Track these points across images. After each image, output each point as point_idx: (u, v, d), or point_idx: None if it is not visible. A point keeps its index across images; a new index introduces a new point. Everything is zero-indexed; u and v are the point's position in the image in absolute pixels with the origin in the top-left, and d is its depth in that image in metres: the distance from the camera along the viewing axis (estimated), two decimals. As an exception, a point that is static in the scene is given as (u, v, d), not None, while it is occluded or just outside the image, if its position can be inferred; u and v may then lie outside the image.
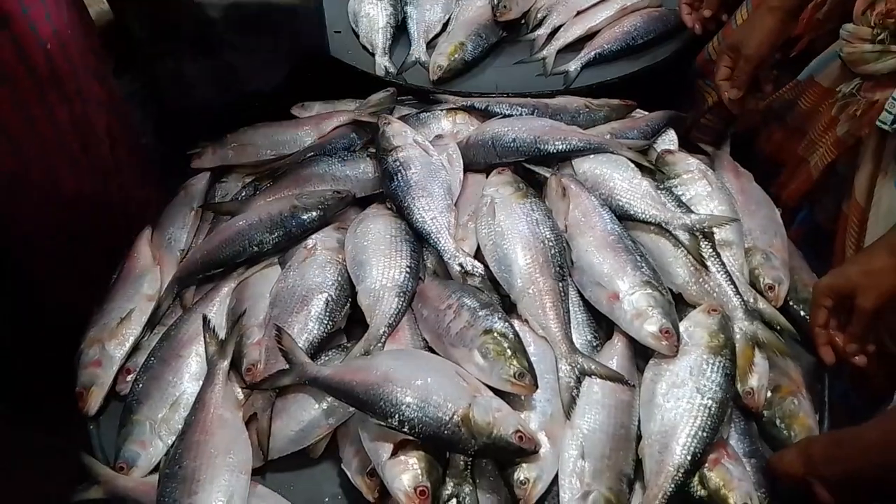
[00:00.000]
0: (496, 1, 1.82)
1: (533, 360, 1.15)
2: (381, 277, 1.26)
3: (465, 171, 1.47)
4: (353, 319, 1.28)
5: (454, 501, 1.07)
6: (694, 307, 1.25)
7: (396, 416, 1.05)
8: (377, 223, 1.35)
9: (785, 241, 1.38)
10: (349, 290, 1.27)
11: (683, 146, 1.58)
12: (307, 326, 1.21)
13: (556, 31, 1.87)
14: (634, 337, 1.19)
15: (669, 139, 1.56)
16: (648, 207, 1.33)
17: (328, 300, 1.24)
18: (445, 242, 1.32)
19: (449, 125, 1.62)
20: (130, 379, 1.25)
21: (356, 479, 1.11)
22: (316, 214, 1.37)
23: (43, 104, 1.40)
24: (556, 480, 1.08)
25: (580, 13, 1.88)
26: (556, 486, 1.08)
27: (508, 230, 1.30)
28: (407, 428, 1.05)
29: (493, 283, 1.29)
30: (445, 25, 1.89)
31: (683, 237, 1.29)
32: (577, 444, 1.10)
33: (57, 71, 1.41)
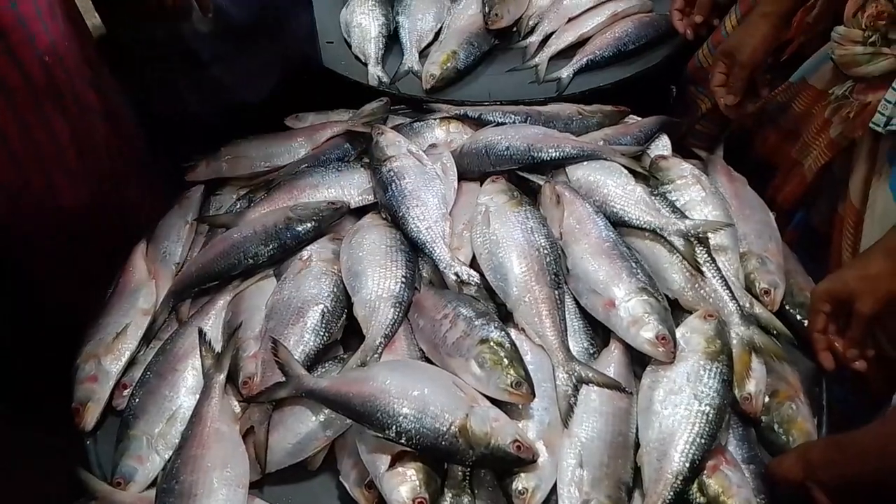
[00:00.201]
0: (488, 9, 1.83)
1: (530, 368, 1.15)
2: (376, 288, 1.26)
3: (459, 179, 1.47)
4: (349, 330, 1.28)
5: (453, 512, 1.06)
6: (690, 313, 1.24)
7: (393, 427, 1.05)
8: (372, 234, 1.35)
9: (780, 244, 1.38)
10: (345, 301, 1.27)
11: (677, 151, 1.58)
12: (303, 338, 1.20)
13: (547, 38, 1.88)
14: (631, 344, 1.19)
15: (663, 144, 1.56)
16: (643, 213, 1.33)
17: (324, 312, 1.24)
18: (441, 252, 1.32)
19: (443, 134, 1.62)
20: (127, 394, 1.24)
21: (354, 491, 1.11)
22: (310, 226, 1.37)
23: (40, 114, 1.40)
24: (554, 489, 1.08)
25: (571, 20, 1.89)
26: (554, 495, 1.08)
27: (503, 238, 1.30)
28: (404, 439, 1.05)
29: (489, 291, 1.29)
30: (437, 34, 1.90)
31: (678, 243, 1.29)
32: (575, 452, 1.09)
33: (54, 82, 1.41)
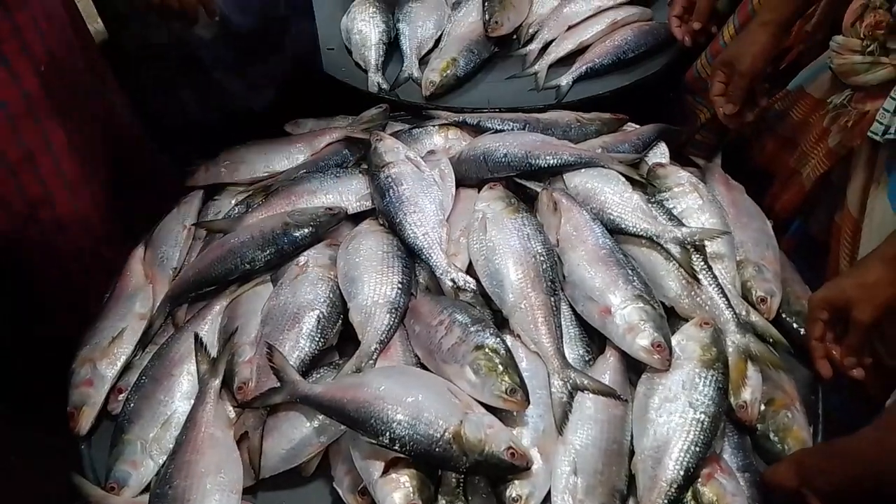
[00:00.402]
0: (488, 16, 1.83)
1: (525, 375, 1.15)
2: (372, 294, 1.26)
3: (457, 186, 1.47)
4: (345, 336, 1.28)
5: (446, 519, 1.06)
6: (686, 321, 1.24)
7: (387, 433, 1.05)
8: (369, 239, 1.35)
9: (777, 253, 1.38)
10: (341, 306, 1.27)
11: (675, 159, 1.58)
12: (298, 344, 1.21)
13: (547, 45, 1.88)
14: (627, 351, 1.19)
15: (661, 152, 1.56)
16: (639, 221, 1.33)
17: (320, 317, 1.24)
18: (437, 258, 1.32)
19: (441, 141, 1.62)
20: (122, 398, 1.25)
21: (348, 497, 1.10)
22: (308, 231, 1.37)
23: (36, 125, 1.40)
24: (548, 497, 1.07)
25: (571, 27, 1.89)
26: (548, 502, 1.07)
27: (500, 245, 1.30)
28: (398, 445, 1.05)
29: (485, 298, 1.29)
30: (438, 41, 1.91)
31: (675, 250, 1.29)
32: (569, 459, 1.09)
33: (51, 91, 1.41)
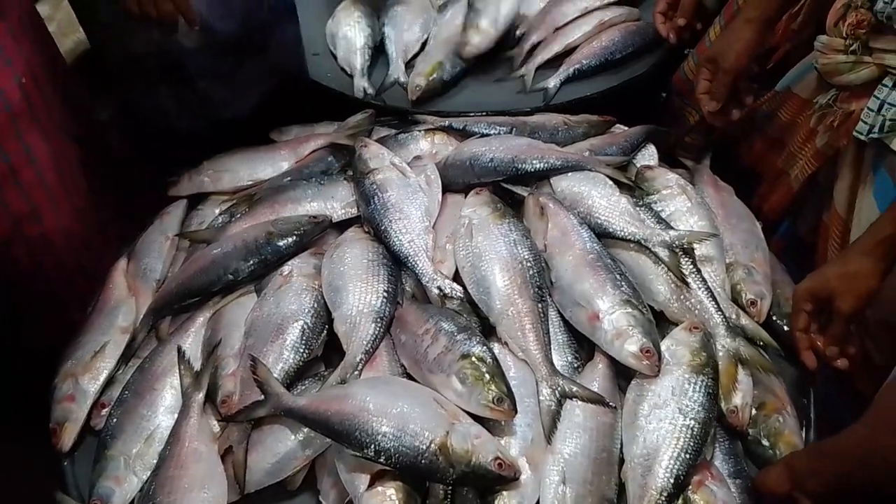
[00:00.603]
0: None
1: (513, 383, 1.13)
2: (357, 303, 1.24)
3: (443, 191, 1.45)
4: (331, 347, 1.26)
5: (434, 532, 1.05)
6: (676, 325, 1.23)
7: (372, 446, 1.03)
8: (354, 248, 1.33)
9: (766, 255, 1.37)
10: (326, 317, 1.25)
11: (665, 161, 1.57)
12: (282, 355, 1.19)
13: (534, 47, 1.87)
14: (615, 357, 1.18)
15: (649, 154, 1.55)
16: (627, 225, 1.32)
17: (304, 328, 1.22)
18: (423, 265, 1.31)
19: (427, 146, 1.61)
20: (105, 413, 1.23)
21: (334, 511, 1.09)
22: (292, 241, 1.35)
23: (18, 138, 1.39)
24: (538, 507, 1.06)
25: (558, 29, 1.88)
26: (537, 513, 1.06)
27: (486, 251, 1.29)
28: (383, 458, 1.03)
29: (472, 305, 1.27)
30: (424, 45, 1.89)
31: (663, 254, 1.27)
32: (558, 469, 1.07)
33: (31, 103, 1.40)
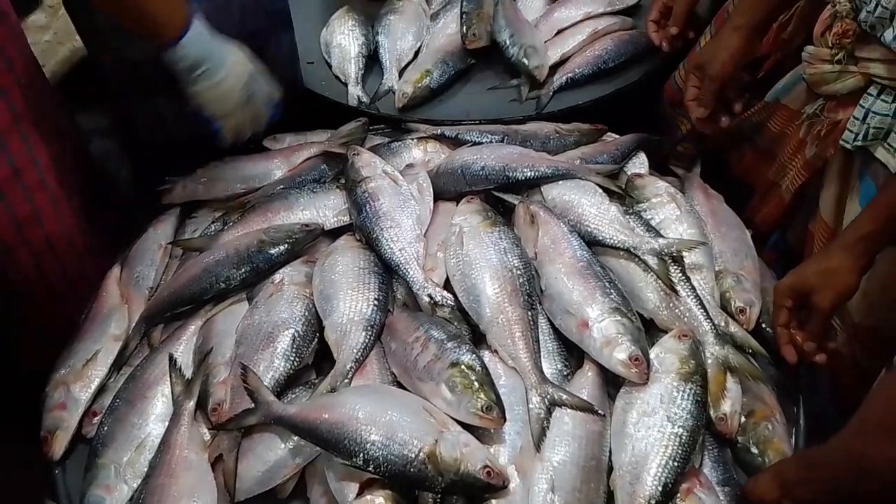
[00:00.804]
0: (465, 29, 1.83)
1: (503, 391, 1.13)
2: (347, 311, 1.24)
3: (435, 199, 1.46)
4: (323, 355, 1.26)
5: (423, 540, 1.05)
6: (665, 332, 1.23)
7: (361, 454, 1.03)
8: (345, 256, 1.34)
9: (756, 262, 1.37)
10: (317, 325, 1.26)
11: (655, 169, 1.57)
12: (273, 364, 1.19)
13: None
14: (604, 365, 1.18)
15: (640, 162, 1.56)
16: (617, 233, 1.32)
17: (294, 336, 1.22)
18: (414, 273, 1.31)
19: (420, 154, 1.61)
20: (96, 421, 1.23)
21: (324, 519, 1.09)
22: (284, 249, 1.36)
23: (21, 139, 1.40)
24: (526, 515, 1.06)
25: (555, 36, 1.89)
26: (526, 521, 1.06)
27: (476, 260, 1.29)
28: (372, 467, 1.03)
29: (462, 313, 1.28)
30: (417, 53, 1.90)
31: (652, 262, 1.28)
32: (547, 477, 1.07)
33: (31, 105, 1.41)
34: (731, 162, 1.63)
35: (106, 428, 1.20)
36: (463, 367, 1.13)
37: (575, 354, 1.25)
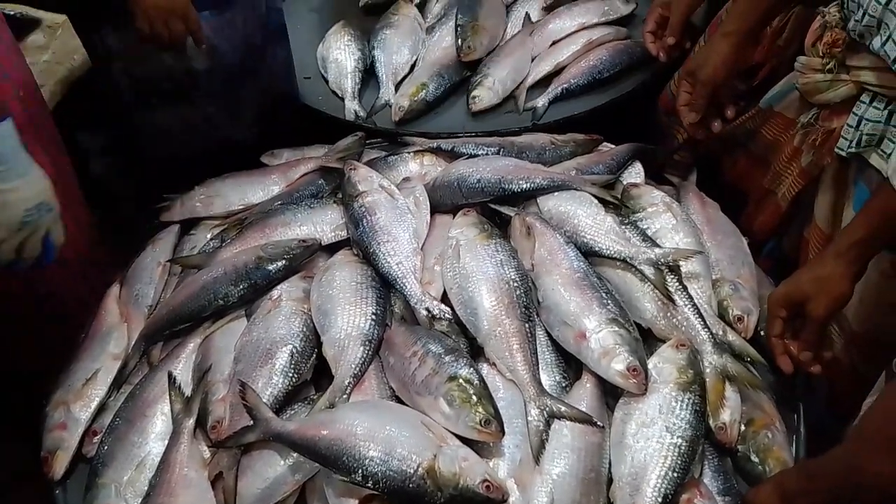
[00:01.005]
0: (460, 42, 1.84)
1: (501, 404, 1.13)
2: (345, 326, 1.25)
3: (432, 212, 1.47)
4: (321, 370, 1.26)
5: (422, 556, 1.04)
6: (663, 342, 1.23)
7: (360, 470, 1.03)
8: (342, 271, 1.34)
9: (753, 270, 1.37)
10: (315, 340, 1.26)
11: (651, 178, 1.58)
12: (272, 380, 1.19)
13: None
14: (603, 376, 1.18)
15: (635, 172, 1.56)
16: (613, 243, 1.32)
17: (293, 352, 1.22)
18: (412, 287, 1.32)
19: (417, 167, 1.62)
20: (96, 441, 1.23)
21: (323, 536, 1.09)
22: (281, 265, 1.36)
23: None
24: (526, 529, 1.06)
25: (551, 46, 1.90)
26: (526, 535, 1.06)
27: (473, 272, 1.29)
28: (371, 483, 1.03)
29: (460, 326, 1.28)
30: (413, 67, 1.92)
31: (649, 272, 1.28)
32: (546, 490, 1.07)
33: (31, 116, 1.41)
34: (724, 169, 1.64)
35: (106, 447, 1.20)
36: (461, 380, 1.13)
37: (573, 366, 1.25)
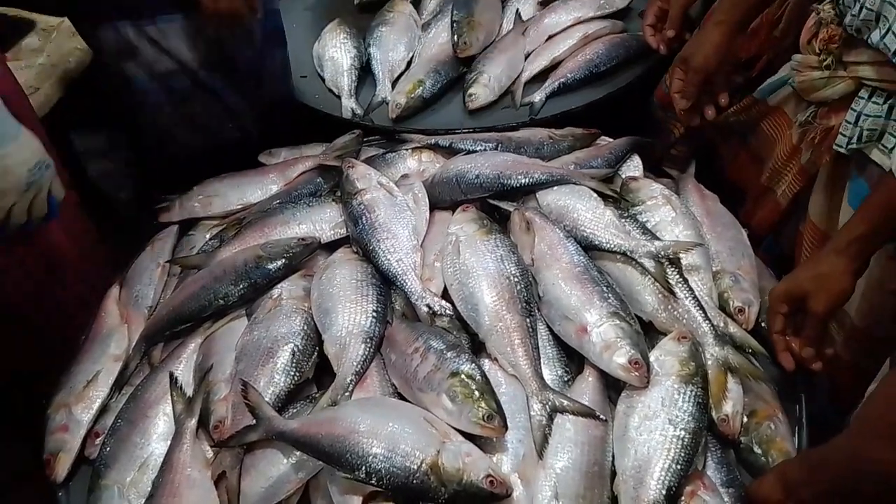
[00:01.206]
0: (456, 38, 1.84)
1: (504, 399, 1.13)
2: (346, 324, 1.25)
3: (431, 209, 1.46)
4: (323, 368, 1.26)
5: (427, 552, 1.05)
6: (664, 335, 1.23)
7: (363, 467, 1.03)
8: (342, 269, 1.34)
9: (753, 261, 1.37)
10: (316, 339, 1.26)
11: (650, 171, 1.58)
12: (273, 379, 1.19)
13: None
14: (605, 369, 1.18)
15: (634, 165, 1.56)
16: (613, 237, 1.32)
17: (294, 351, 1.22)
18: (412, 284, 1.32)
19: (415, 164, 1.62)
20: (99, 442, 1.23)
21: (328, 533, 1.09)
22: (281, 263, 1.36)
23: None
24: (530, 523, 1.06)
25: (548, 40, 1.90)
26: (530, 529, 1.06)
27: (473, 268, 1.29)
28: (375, 479, 1.03)
29: (461, 322, 1.28)
30: (409, 63, 1.91)
31: (649, 264, 1.28)
32: (550, 484, 1.07)
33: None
34: (722, 164, 1.64)
35: (108, 448, 1.20)
36: (463, 376, 1.13)
37: (575, 360, 1.25)
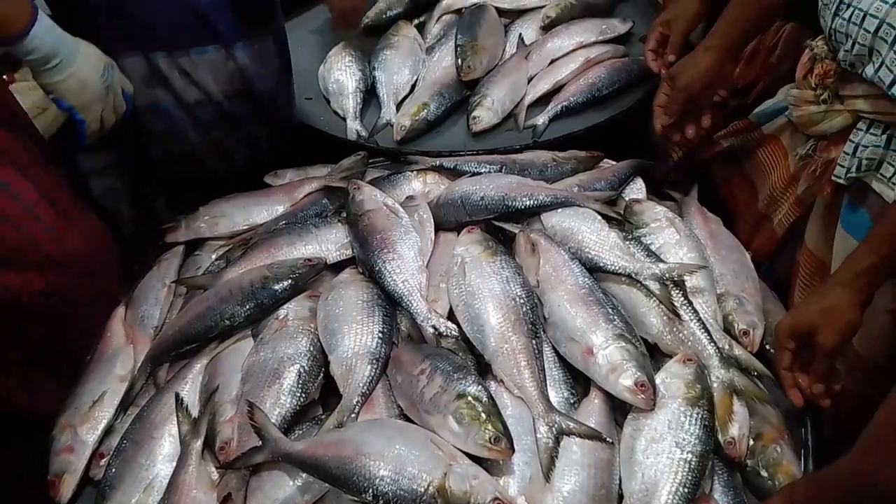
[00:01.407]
0: (460, 61, 1.86)
1: (510, 421, 1.13)
2: (352, 345, 1.25)
3: (436, 230, 1.48)
4: (329, 389, 1.26)
5: (434, 576, 1.04)
6: (670, 357, 1.24)
7: (370, 490, 1.03)
8: (348, 289, 1.35)
9: (757, 284, 1.38)
10: (322, 360, 1.26)
11: (653, 194, 1.59)
12: (279, 400, 1.19)
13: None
14: (611, 392, 1.18)
15: (637, 188, 1.57)
16: (617, 259, 1.33)
17: (300, 372, 1.22)
18: (418, 305, 1.32)
19: (420, 186, 1.64)
20: (104, 463, 1.22)
21: (334, 557, 1.08)
22: (287, 284, 1.36)
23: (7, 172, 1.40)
24: (537, 547, 1.06)
25: (551, 63, 1.93)
26: (538, 553, 1.05)
27: (479, 289, 1.30)
28: (381, 502, 1.03)
29: (467, 343, 1.28)
30: (414, 86, 1.93)
31: (654, 287, 1.29)
32: (557, 507, 1.07)
33: (14, 140, 1.41)
34: (715, 184, 1.65)
35: (114, 470, 1.20)
36: (469, 398, 1.13)
37: (581, 382, 1.25)
